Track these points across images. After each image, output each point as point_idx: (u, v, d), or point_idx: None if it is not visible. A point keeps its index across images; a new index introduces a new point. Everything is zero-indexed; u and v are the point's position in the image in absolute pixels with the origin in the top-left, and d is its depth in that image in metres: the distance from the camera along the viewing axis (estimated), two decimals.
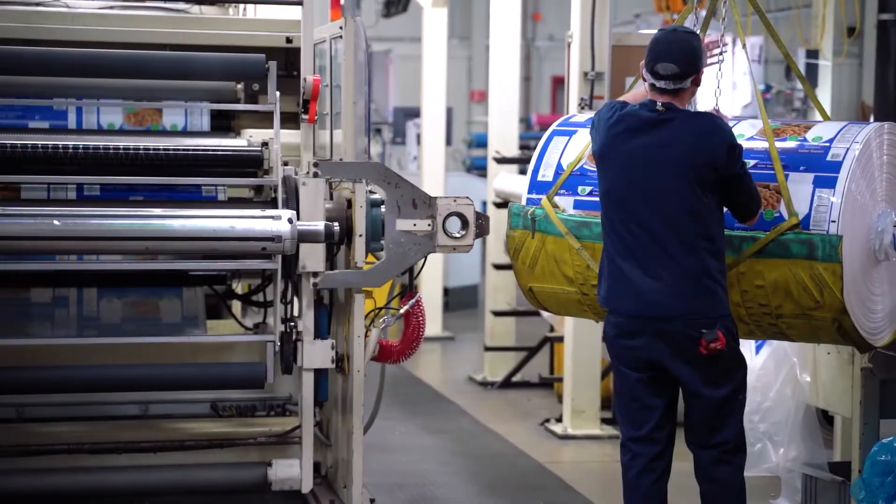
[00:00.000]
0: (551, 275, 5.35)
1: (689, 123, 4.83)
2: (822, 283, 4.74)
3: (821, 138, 4.93)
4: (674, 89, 4.84)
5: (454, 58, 20.12)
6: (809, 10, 14.95)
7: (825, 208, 4.80)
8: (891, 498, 4.73)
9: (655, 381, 4.93)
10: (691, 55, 4.85)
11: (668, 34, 4.92)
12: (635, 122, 4.89)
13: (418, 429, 8.55)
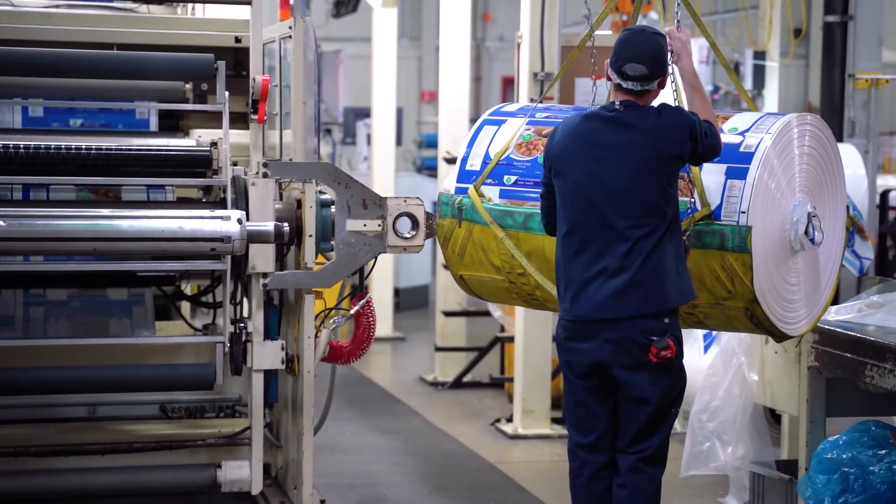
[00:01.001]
0: (479, 263, 5.37)
1: (648, 120, 4.77)
2: (733, 274, 4.75)
3: (736, 129, 4.93)
4: (640, 90, 4.79)
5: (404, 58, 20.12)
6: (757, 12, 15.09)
7: (736, 199, 4.78)
8: (837, 495, 4.77)
9: (601, 388, 4.87)
10: (659, 56, 4.80)
11: (635, 34, 4.86)
12: (595, 125, 4.84)
13: (369, 429, 8.54)
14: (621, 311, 4.72)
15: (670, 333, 4.71)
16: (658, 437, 4.86)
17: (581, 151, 4.82)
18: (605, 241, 4.76)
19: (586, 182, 4.79)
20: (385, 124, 12.01)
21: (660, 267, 4.70)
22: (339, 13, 16.65)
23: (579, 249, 4.82)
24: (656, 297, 4.70)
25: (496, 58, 26.60)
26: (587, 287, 4.79)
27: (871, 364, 4.90)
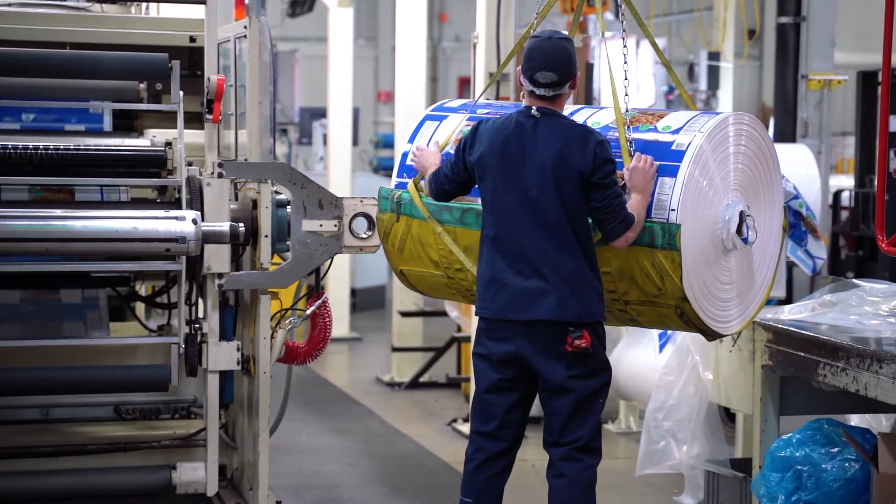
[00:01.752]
0: (418, 258, 5.35)
1: (561, 131, 4.91)
2: (662, 271, 4.79)
3: (669, 127, 4.96)
4: (552, 96, 4.92)
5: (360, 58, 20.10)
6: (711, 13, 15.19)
7: (666, 197, 4.81)
8: (790, 493, 4.81)
9: (514, 381, 4.97)
10: (567, 62, 4.92)
11: (543, 42, 4.96)
12: (512, 129, 4.96)
13: (325, 430, 8.52)
14: (537, 315, 4.84)
15: (589, 326, 4.82)
16: (587, 427, 4.94)
17: (501, 157, 4.94)
18: (523, 246, 4.88)
19: (504, 188, 4.92)
20: (341, 124, 12.00)
21: (576, 276, 4.82)
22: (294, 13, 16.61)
23: (499, 252, 4.94)
24: (571, 307, 4.82)
25: (452, 58, 26.62)
26: (507, 289, 4.90)
27: (824, 363, 4.94)
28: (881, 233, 4.74)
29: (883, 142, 4.68)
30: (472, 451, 5.07)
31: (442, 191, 5.13)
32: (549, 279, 4.84)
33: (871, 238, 11.04)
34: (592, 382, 4.90)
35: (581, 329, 4.81)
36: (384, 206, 5.41)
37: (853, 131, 12.57)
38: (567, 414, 4.93)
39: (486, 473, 5.04)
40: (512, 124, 4.97)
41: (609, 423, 8.41)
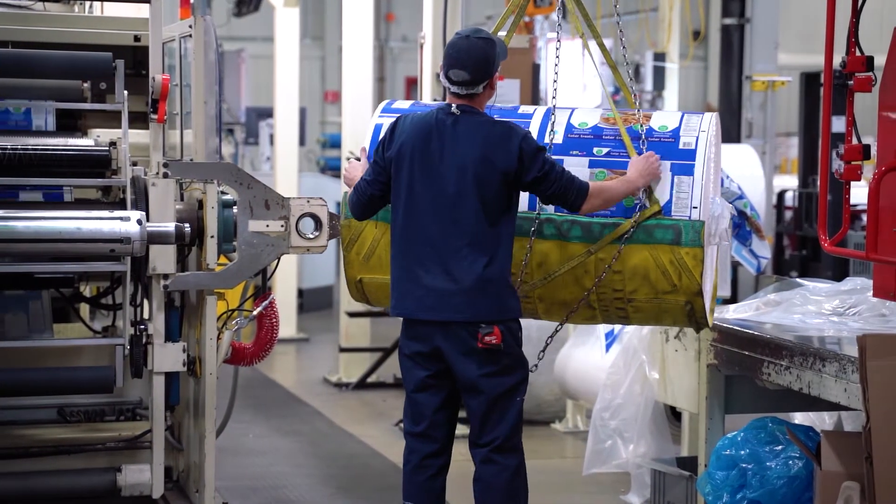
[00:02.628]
0: (387, 266, 5.29)
1: (481, 130, 4.90)
2: (682, 267, 4.88)
3: (666, 127, 5.05)
4: (467, 94, 4.93)
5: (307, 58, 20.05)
6: (657, 14, 15.28)
7: (686, 195, 4.92)
8: (735, 491, 4.84)
9: (438, 379, 4.98)
10: (482, 62, 4.91)
11: (461, 40, 4.97)
12: (432, 125, 4.95)
13: (272, 431, 8.49)
14: (446, 316, 4.86)
15: (502, 324, 4.85)
16: (504, 426, 4.92)
17: (419, 153, 4.93)
18: (435, 244, 4.89)
19: (420, 185, 4.91)
20: (288, 124, 11.97)
21: (488, 275, 4.83)
22: (240, 12, 16.53)
23: (411, 249, 4.94)
24: (482, 305, 4.84)
25: (399, 58, 26.61)
26: (420, 288, 4.91)
27: (768, 361, 4.98)
28: (824, 233, 4.78)
29: (825, 143, 4.73)
30: (408, 452, 5.08)
31: (363, 199, 5.05)
32: (460, 278, 4.85)
33: (815, 238, 11.16)
34: (507, 380, 4.90)
35: (492, 325, 4.82)
36: (348, 212, 5.27)
37: (797, 132, 12.70)
38: (483, 413, 4.93)
39: (422, 475, 5.05)
40: (432, 121, 4.95)
41: (556, 423, 8.43)
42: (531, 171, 4.84)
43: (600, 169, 5.05)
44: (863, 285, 5.58)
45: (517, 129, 4.93)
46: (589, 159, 5.07)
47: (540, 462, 7.44)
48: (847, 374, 4.51)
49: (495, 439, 4.94)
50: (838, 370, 4.58)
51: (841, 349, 4.73)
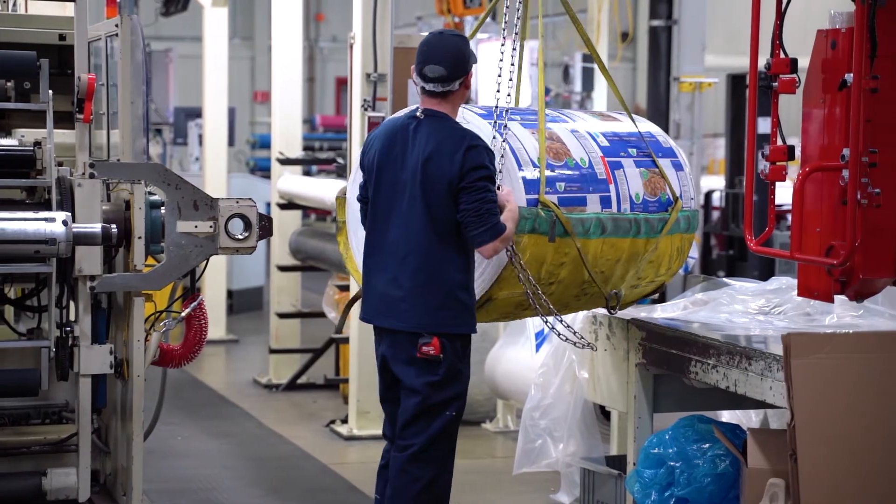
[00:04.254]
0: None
1: (436, 136, 4.87)
2: (682, 252, 5.48)
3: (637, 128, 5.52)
4: (442, 91, 4.89)
5: (236, 58, 19.92)
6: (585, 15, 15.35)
7: (686, 187, 5.49)
8: (663, 489, 4.88)
9: (392, 389, 5.05)
10: (458, 57, 4.88)
11: (435, 37, 4.97)
12: (396, 131, 4.96)
13: (201, 433, 8.43)
14: (391, 324, 4.93)
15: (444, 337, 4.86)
16: (424, 436, 4.92)
17: (384, 159, 4.95)
18: (394, 253, 4.92)
19: (382, 190, 4.96)
20: (217, 125, 11.89)
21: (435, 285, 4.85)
22: (168, 12, 16.37)
23: (373, 255, 5.01)
24: (426, 317, 4.86)
25: (329, 58, 26.54)
26: (375, 293, 4.99)
27: (696, 360, 5.03)
28: (750, 233, 4.83)
29: (751, 143, 4.78)
30: (384, 450, 5.16)
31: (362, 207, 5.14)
32: (407, 286, 4.88)
33: (741, 238, 11.28)
34: (442, 393, 4.91)
35: (431, 336, 4.83)
36: (526, 226, 4.97)
37: (724, 133, 12.83)
38: (411, 415, 4.94)
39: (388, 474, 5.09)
40: (398, 126, 4.96)
41: (487, 423, 8.45)
42: (464, 179, 4.79)
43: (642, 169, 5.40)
44: (788, 284, 5.65)
45: (470, 138, 4.86)
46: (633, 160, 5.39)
47: (470, 462, 7.46)
48: (772, 373, 4.57)
49: (412, 445, 4.95)
50: (764, 368, 4.63)
51: (767, 348, 4.79)
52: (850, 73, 4.20)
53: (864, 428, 3.85)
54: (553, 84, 18.04)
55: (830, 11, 4.40)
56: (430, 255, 4.84)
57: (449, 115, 4.94)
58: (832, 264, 4.35)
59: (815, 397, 3.86)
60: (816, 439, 3.83)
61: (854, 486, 3.82)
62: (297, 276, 10.40)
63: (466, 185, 4.79)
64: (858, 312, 5.45)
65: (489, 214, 4.77)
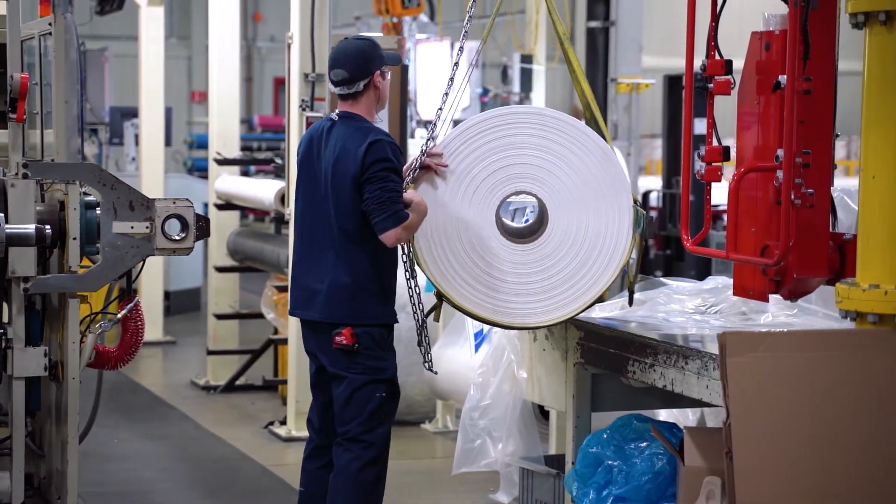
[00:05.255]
0: None
1: (343, 136, 5.10)
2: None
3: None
4: (350, 94, 5.13)
5: (173, 57, 19.77)
6: (524, 17, 15.41)
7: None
8: (601, 488, 4.91)
9: (322, 374, 5.28)
10: (359, 60, 5.10)
11: (341, 43, 5.21)
12: (315, 133, 5.20)
13: (138, 436, 8.36)
14: (309, 315, 5.20)
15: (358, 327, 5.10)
16: (359, 421, 5.15)
17: (304, 160, 5.22)
18: (314, 248, 5.18)
19: (302, 190, 5.23)
20: (153, 125, 11.80)
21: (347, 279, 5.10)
22: (103, 10, 16.21)
23: (299, 251, 5.27)
24: (338, 309, 5.12)
25: (267, 58, 26.43)
26: (297, 286, 5.26)
27: (634, 359, 5.06)
28: (686, 233, 4.87)
29: (687, 144, 4.82)
30: (307, 442, 5.41)
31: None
32: (326, 280, 5.11)
33: (678, 238, 11.37)
34: (364, 377, 5.13)
35: (343, 327, 5.06)
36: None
37: (661, 133, 12.92)
38: (343, 400, 5.17)
39: (313, 464, 5.33)
40: (318, 128, 5.20)
41: (426, 423, 8.45)
42: (366, 173, 5.01)
43: None
44: (724, 284, 5.70)
45: (374, 134, 5.06)
46: None
47: (410, 462, 7.45)
48: (709, 371, 4.61)
49: (349, 430, 5.17)
50: (700, 367, 4.67)
51: (703, 347, 4.83)
52: (783, 75, 4.24)
53: (799, 426, 3.89)
54: (492, 85, 18.08)
55: (764, 14, 4.45)
56: (345, 251, 5.09)
57: (362, 116, 5.16)
58: (767, 264, 4.39)
59: (751, 395, 3.89)
60: (752, 437, 3.87)
61: (789, 483, 3.86)
62: (234, 277, 10.34)
63: (368, 176, 5.01)
64: (793, 311, 5.51)
65: (391, 202, 4.98)
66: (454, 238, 5.20)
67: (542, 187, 5.26)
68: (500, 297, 5.23)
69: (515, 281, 5.24)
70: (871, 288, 3.92)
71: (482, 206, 5.20)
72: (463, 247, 5.21)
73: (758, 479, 3.86)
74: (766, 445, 3.88)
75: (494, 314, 5.26)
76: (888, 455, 3.91)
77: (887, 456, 3.91)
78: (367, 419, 5.15)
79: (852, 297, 3.96)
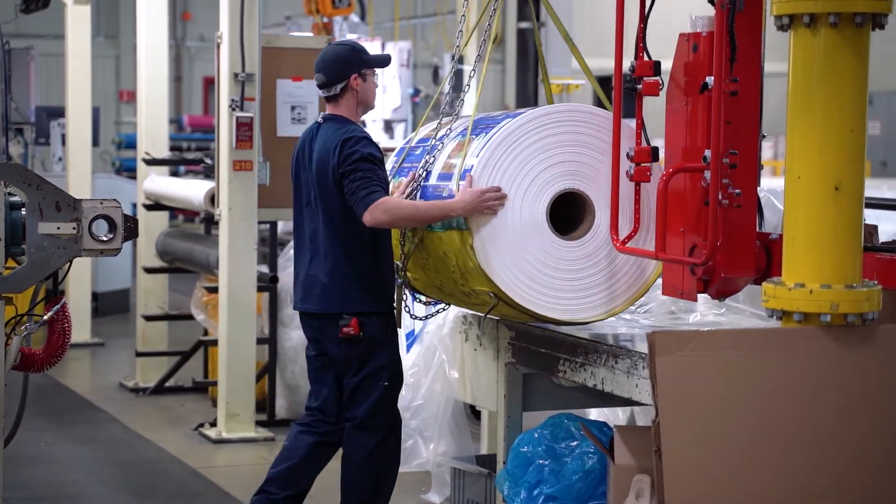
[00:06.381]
0: None
1: (329, 134, 5.39)
2: None
3: None
4: (331, 96, 5.46)
5: (101, 56, 19.58)
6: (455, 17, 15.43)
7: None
8: (532, 487, 4.93)
9: (322, 359, 5.56)
10: (335, 64, 5.42)
11: (324, 48, 5.62)
12: (306, 136, 5.53)
13: (65, 439, 8.26)
14: (309, 307, 5.50)
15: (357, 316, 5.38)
16: (364, 407, 5.45)
17: (298, 163, 5.53)
18: (309, 245, 5.48)
19: (297, 188, 5.52)
20: (80, 124, 11.67)
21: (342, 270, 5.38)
22: (28, 9, 16.01)
23: (297, 247, 5.57)
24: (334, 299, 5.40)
25: (197, 57, 26.24)
26: (298, 281, 5.55)
27: (564, 359, 5.08)
28: (616, 233, 4.91)
29: (616, 145, 4.85)
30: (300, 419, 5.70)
31: None
32: (322, 273, 5.40)
33: None
34: (370, 366, 5.43)
35: (350, 317, 5.35)
36: None
37: None
38: (350, 394, 5.48)
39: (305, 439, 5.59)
40: (308, 130, 5.59)
41: None
42: (342, 166, 5.27)
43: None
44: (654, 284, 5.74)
45: (350, 132, 5.33)
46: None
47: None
48: (638, 370, 4.64)
49: (355, 417, 5.48)
50: (630, 366, 4.71)
51: (633, 346, 4.86)
52: (710, 76, 4.28)
53: (727, 424, 3.93)
54: (423, 85, 18.10)
55: (691, 16, 4.49)
56: (336, 244, 5.36)
57: (344, 117, 5.45)
58: (695, 263, 4.43)
59: (680, 394, 3.93)
60: (680, 435, 3.90)
61: (718, 480, 3.90)
62: (164, 278, 10.25)
63: (343, 170, 5.26)
64: (721, 310, 5.57)
65: (360, 189, 5.21)
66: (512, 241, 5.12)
67: (588, 183, 5.19)
68: (556, 295, 5.15)
69: (567, 278, 5.18)
70: (796, 287, 3.97)
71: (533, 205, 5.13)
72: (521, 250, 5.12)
73: (686, 477, 3.89)
74: (694, 443, 3.91)
75: (551, 311, 5.16)
76: (815, 452, 3.96)
77: (814, 453, 3.96)
78: (373, 406, 5.44)
79: (778, 296, 4.01)
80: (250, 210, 8.13)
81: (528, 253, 5.12)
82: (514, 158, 5.12)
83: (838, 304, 3.93)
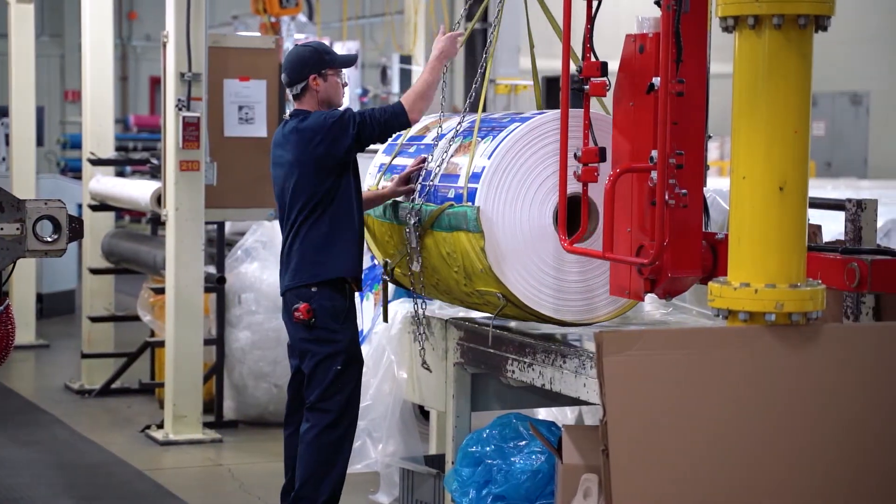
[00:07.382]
0: None
1: (294, 127, 5.63)
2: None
3: None
4: (295, 95, 5.72)
5: (45, 55, 19.40)
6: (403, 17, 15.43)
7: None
8: (481, 487, 4.93)
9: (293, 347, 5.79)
10: (296, 65, 5.68)
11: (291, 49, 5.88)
12: (279, 132, 5.76)
13: (10, 441, 8.18)
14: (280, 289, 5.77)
15: (314, 300, 5.60)
16: (317, 391, 5.64)
17: (275, 153, 5.78)
18: (284, 230, 5.75)
19: (276, 178, 5.75)
20: (24, 124, 11.56)
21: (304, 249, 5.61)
22: None
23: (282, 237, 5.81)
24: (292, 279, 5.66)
25: (143, 57, 26.07)
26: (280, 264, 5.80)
27: (513, 359, 5.09)
28: (563, 233, 4.92)
29: (563, 145, 4.87)
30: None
31: None
32: (290, 255, 5.66)
33: None
34: (323, 349, 5.62)
35: (301, 303, 5.58)
36: None
37: None
38: (308, 372, 5.68)
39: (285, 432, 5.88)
40: (281, 127, 5.75)
41: None
42: (341, 139, 5.52)
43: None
44: None
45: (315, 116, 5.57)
46: None
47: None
48: (586, 370, 4.66)
49: (309, 400, 5.68)
50: (578, 366, 4.72)
51: (581, 346, 4.88)
52: (657, 77, 4.31)
53: (675, 423, 3.95)
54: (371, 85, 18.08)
55: (638, 17, 4.51)
56: (301, 226, 5.60)
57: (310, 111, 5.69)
58: (642, 263, 4.45)
59: (627, 393, 3.94)
60: (628, 434, 3.92)
61: (665, 479, 3.92)
62: (110, 279, 10.17)
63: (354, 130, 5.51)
64: (668, 310, 5.60)
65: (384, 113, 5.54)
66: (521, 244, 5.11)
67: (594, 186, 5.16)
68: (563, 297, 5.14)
69: (573, 279, 5.16)
70: (741, 286, 4.00)
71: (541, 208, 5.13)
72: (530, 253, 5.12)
73: (634, 476, 3.91)
74: (641, 442, 3.93)
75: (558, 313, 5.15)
76: (760, 450, 3.99)
77: (760, 451, 3.99)
78: (326, 388, 5.62)
79: (724, 296, 4.03)
80: (197, 210, 8.09)
81: (536, 255, 5.13)
82: (524, 162, 5.15)
83: (783, 304, 3.96)
